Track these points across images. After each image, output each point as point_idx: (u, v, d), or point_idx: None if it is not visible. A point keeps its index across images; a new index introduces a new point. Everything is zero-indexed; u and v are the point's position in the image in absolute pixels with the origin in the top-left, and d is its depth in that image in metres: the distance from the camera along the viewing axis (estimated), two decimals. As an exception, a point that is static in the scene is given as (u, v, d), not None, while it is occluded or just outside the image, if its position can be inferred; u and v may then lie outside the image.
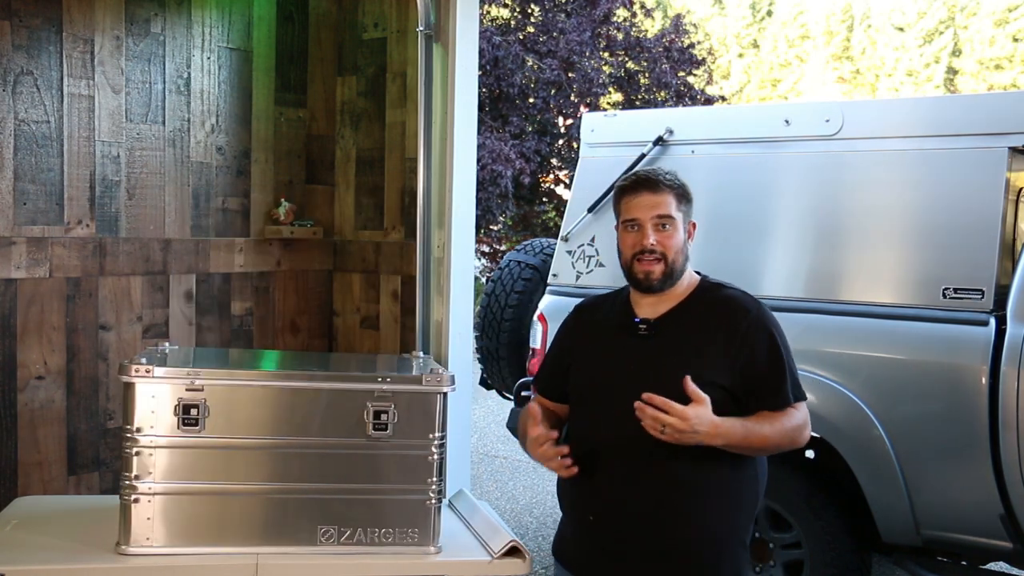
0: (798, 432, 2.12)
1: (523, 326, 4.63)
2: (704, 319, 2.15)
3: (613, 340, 2.23)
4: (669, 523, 2.09)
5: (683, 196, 2.19)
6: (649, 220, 2.15)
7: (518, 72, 13.67)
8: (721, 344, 2.11)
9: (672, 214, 2.15)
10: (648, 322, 2.18)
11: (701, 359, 2.10)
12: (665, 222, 2.14)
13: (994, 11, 32.08)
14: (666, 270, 2.14)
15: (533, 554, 2.57)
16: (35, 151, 3.15)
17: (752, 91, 35.72)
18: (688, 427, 1.96)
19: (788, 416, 2.10)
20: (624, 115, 4.64)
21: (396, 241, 3.76)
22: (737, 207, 3.94)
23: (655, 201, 2.15)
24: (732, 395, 2.09)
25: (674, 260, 2.15)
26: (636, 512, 2.12)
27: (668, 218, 2.14)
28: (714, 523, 2.10)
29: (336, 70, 3.94)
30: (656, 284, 2.15)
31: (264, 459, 2.38)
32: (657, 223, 2.14)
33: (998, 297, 3.30)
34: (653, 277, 2.14)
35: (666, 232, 2.14)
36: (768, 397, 2.11)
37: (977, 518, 3.28)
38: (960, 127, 3.52)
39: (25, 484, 3.15)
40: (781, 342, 2.14)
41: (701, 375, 2.05)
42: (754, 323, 2.13)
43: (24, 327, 3.15)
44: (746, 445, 2.05)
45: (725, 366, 2.09)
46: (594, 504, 2.17)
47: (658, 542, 2.11)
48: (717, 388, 2.06)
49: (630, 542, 2.13)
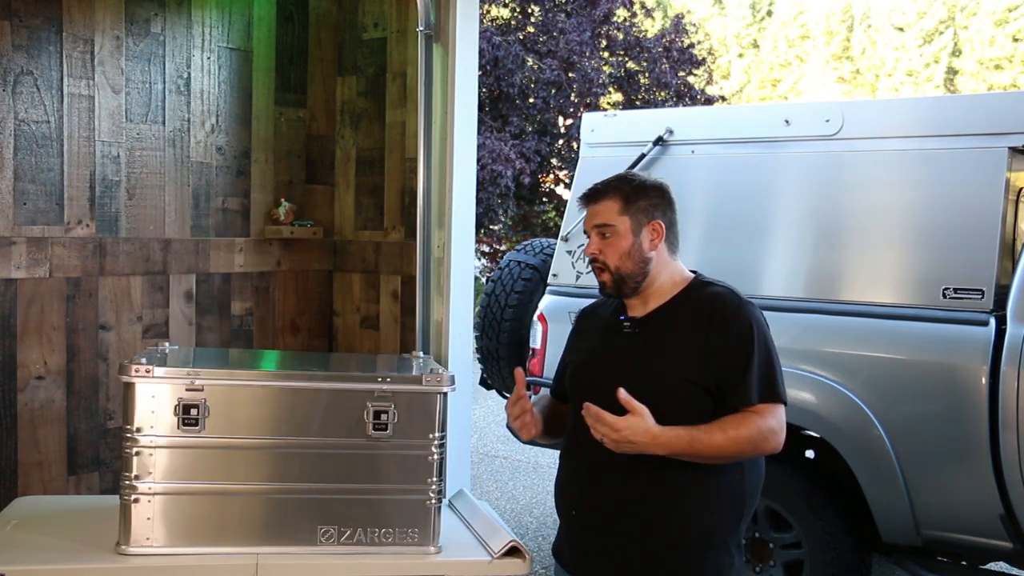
0: (761, 439, 2.02)
1: (523, 326, 4.63)
2: (687, 317, 2.14)
3: (602, 339, 2.25)
4: (644, 521, 2.09)
5: (631, 197, 2.17)
6: (592, 230, 2.19)
7: (518, 72, 13.67)
8: (699, 341, 2.09)
9: (611, 221, 2.15)
10: (633, 320, 2.19)
11: (681, 357, 2.09)
12: (604, 231, 2.16)
13: (994, 11, 32.08)
14: (613, 278, 2.16)
15: (533, 554, 2.57)
16: (35, 151, 3.15)
17: (752, 91, 35.72)
18: (621, 437, 1.96)
19: (746, 423, 2.01)
20: (624, 115, 4.64)
21: (396, 241, 3.76)
22: (737, 207, 3.94)
23: (595, 211, 2.19)
24: (709, 393, 2.07)
25: (619, 267, 2.15)
26: (612, 509, 2.13)
27: (606, 226, 2.16)
28: (691, 523, 2.09)
29: (336, 70, 3.94)
30: (611, 291, 2.19)
31: (264, 459, 2.38)
32: (598, 232, 2.18)
33: (998, 297, 3.30)
34: (605, 287, 2.19)
35: (607, 240, 2.16)
36: (731, 392, 2.05)
37: (977, 518, 3.27)
38: (960, 127, 3.52)
39: (25, 484, 3.15)
40: (757, 339, 2.07)
41: (680, 372, 2.06)
42: (730, 316, 2.09)
43: (24, 327, 3.15)
44: (692, 453, 1.99)
45: (702, 363, 2.07)
46: (575, 499, 2.21)
47: (634, 539, 2.11)
48: (694, 386, 2.06)
49: (607, 538, 2.14)
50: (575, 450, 2.22)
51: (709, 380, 2.06)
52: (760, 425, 2.02)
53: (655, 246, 2.17)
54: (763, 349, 2.08)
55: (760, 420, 2.02)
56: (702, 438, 1.99)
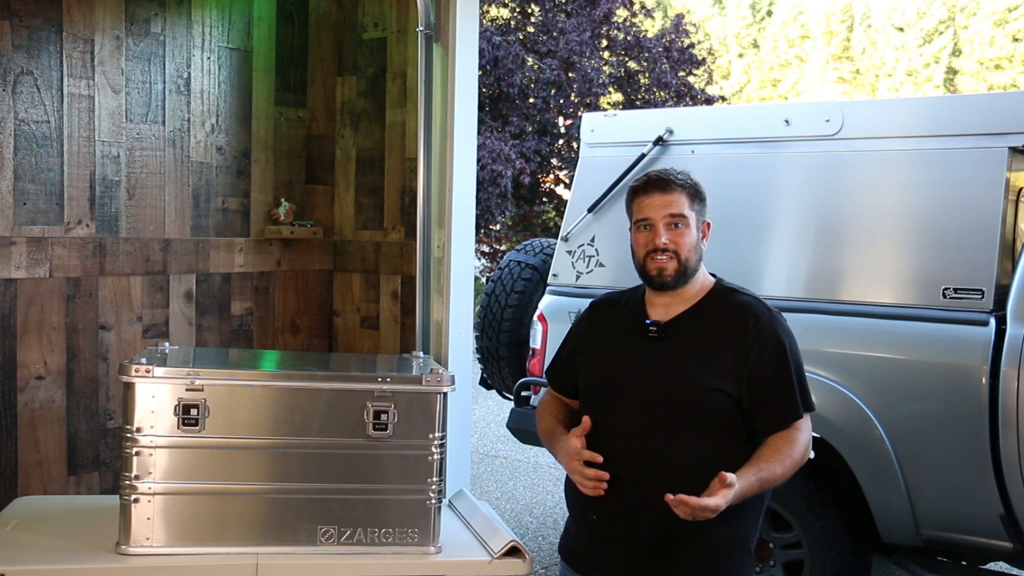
0: (803, 455, 2.09)
1: (523, 326, 4.63)
2: (715, 325, 2.14)
3: (624, 341, 2.22)
4: (671, 527, 2.07)
5: (696, 195, 2.19)
6: (661, 219, 2.15)
7: (518, 72, 13.67)
8: (729, 351, 2.09)
9: (684, 212, 2.15)
10: (659, 325, 2.17)
11: (708, 366, 2.09)
12: (677, 221, 2.14)
13: (994, 11, 32.09)
14: (679, 267, 2.14)
15: (533, 554, 2.57)
16: (35, 151, 3.15)
17: (752, 91, 35.72)
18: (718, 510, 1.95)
19: (794, 441, 2.07)
20: (624, 115, 4.64)
21: (396, 241, 3.76)
22: (737, 207, 3.94)
23: (667, 200, 2.15)
24: (737, 403, 2.08)
25: (687, 258, 2.14)
26: (638, 515, 2.11)
27: (680, 217, 2.15)
28: (718, 529, 2.08)
29: (336, 70, 3.94)
30: (670, 281, 2.15)
31: (264, 459, 2.38)
32: (669, 222, 2.14)
33: (998, 297, 3.30)
34: (666, 273, 2.14)
35: (678, 231, 2.14)
36: (775, 408, 2.08)
37: (977, 518, 3.27)
38: (960, 127, 3.52)
39: (25, 484, 3.15)
40: (791, 352, 2.11)
41: (708, 381, 2.06)
42: (764, 330, 2.11)
43: (24, 327, 3.15)
44: (762, 490, 2.05)
45: (732, 374, 2.08)
46: (597, 504, 2.17)
47: (660, 545, 2.10)
48: (722, 395, 2.07)
49: (631, 544, 2.13)
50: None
51: (739, 391, 2.08)
52: (802, 441, 2.09)
53: (704, 245, 2.21)
54: (796, 363, 2.13)
55: (800, 436, 2.10)
56: (768, 478, 2.03)
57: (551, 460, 6.55)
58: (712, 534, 2.09)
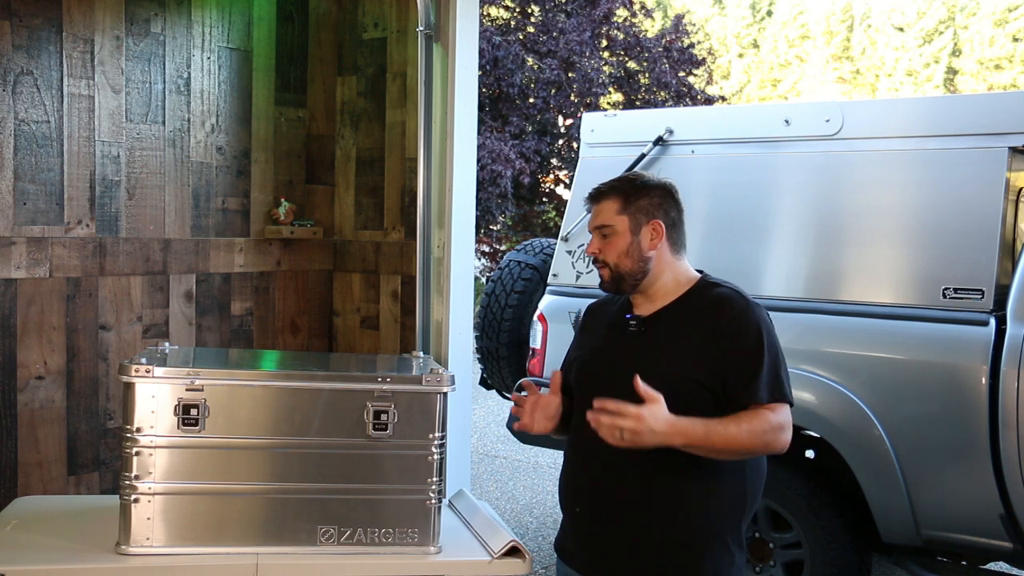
0: (772, 435, 2.02)
1: (523, 326, 4.63)
2: (694, 317, 2.15)
3: (608, 337, 2.27)
4: (647, 520, 2.10)
5: (631, 196, 2.20)
6: (594, 231, 2.25)
7: (518, 72, 13.68)
8: (706, 341, 2.10)
9: (609, 222, 2.20)
10: (639, 319, 2.20)
11: (686, 356, 2.11)
12: (604, 231, 2.21)
13: (994, 11, 32.09)
14: (612, 274, 2.20)
15: (533, 554, 2.58)
16: (35, 151, 3.15)
17: (752, 91, 35.72)
18: (644, 427, 1.93)
19: (759, 417, 2.02)
20: (624, 115, 4.64)
21: (396, 241, 3.76)
22: (737, 207, 3.94)
23: (596, 211, 2.25)
24: (713, 394, 2.08)
25: (617, 264, 2.19)
26: (616, 507, 2.14)
27: (606, 226, 2.21)
28: (693, 522, 2.10)
29: (336, 70, 3.94)
30: (609, 287, 2.23)
31: (264, 459, 2.38)
32: (599, 233, 2.23)
33: (998, 297, 3.30)
34: (603, 282, 2.23)
35: (606, 240, 2.21)
36: (739, 391, 2.05)
37: (977, 518, 3.27)
38: (960, 127, 3.52)
39: (25, 484, 3.15)
40: (766, 339, 2.09)
41: (685, 372, 2.07)
42: (737, 317, 2.10)
43: (24, 327, 3.15)
44: (708, 445, 2.00)
45: (707, 363, 2.08)
46: (580, 497, 2.22)
47: (636, 537, 2.12)
48: (699, 386, 2.07)
49: (611, 535, 2.15)
50: (580, 447, 2.23)
51: (715, 380, 2.08)
52: (772, 420, 2.03)
53: (655, 245, 2.19)
54: (771, 351, 2.10)
55: (771, 415, 2.04)
56: (718, 428, 2.00)
57: (551, 460, 6.56)
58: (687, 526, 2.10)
